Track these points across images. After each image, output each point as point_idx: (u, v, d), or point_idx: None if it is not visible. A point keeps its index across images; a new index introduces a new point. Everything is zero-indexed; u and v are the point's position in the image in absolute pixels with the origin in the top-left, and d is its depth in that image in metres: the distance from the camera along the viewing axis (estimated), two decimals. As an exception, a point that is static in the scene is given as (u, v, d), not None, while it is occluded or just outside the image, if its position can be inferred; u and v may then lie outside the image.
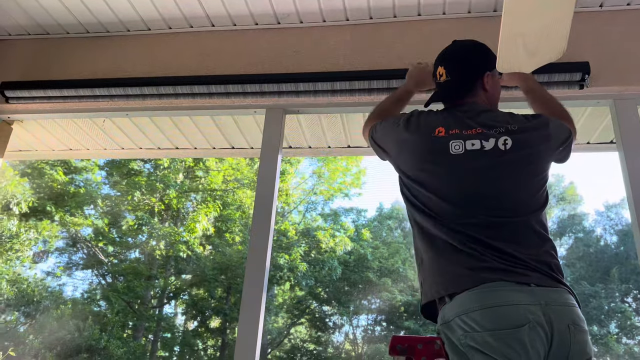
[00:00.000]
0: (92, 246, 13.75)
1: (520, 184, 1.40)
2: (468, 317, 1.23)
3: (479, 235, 1.32)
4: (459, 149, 1.42)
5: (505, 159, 1.40)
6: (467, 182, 1.39)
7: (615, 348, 14.24)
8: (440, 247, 1.36)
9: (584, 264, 16.58)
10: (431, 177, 1.44)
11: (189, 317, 15.99)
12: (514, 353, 1.17)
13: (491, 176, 1.39)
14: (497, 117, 1.49)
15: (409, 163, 1.50)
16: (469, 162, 1.40)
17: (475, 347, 1.20)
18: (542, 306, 1.22)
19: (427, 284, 1.39)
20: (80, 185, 13.52)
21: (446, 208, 1.38)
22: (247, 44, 2.51)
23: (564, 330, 1.22)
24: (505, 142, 1.40)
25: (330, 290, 15.81)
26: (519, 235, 1.34)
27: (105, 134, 2.88)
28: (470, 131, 1.44)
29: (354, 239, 16.32)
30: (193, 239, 13.45)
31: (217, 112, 2.54)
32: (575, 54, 2.15)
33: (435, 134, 1.46)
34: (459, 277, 1.30)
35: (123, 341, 12.71)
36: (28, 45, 2.72)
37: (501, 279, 1.25)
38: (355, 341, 16.88)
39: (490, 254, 1.30)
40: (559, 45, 1.25)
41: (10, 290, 10.93)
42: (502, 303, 1.22)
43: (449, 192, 1.40)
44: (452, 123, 1.47)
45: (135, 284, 13.40)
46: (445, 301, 1.30)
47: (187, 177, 14.72)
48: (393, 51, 2.36)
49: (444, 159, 1.42)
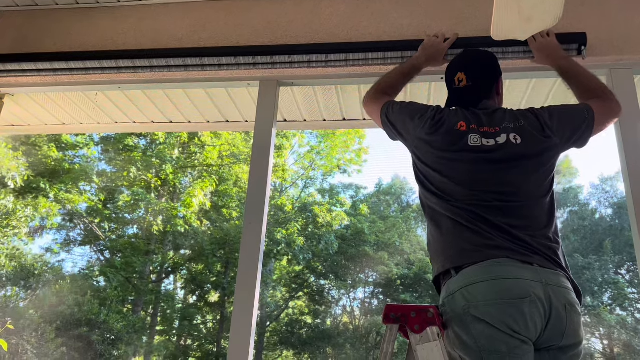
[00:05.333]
0: (89, 222, 13.77)
1: (529, 174, 1.51)
2: (473, 287, 1.31)
3: (486, 215, 1.42)
4: (476, 141, 1.54)
5: (516, 152, 1.52)
6: (480, 170, 1.51)
7: (608, 319, 14.49)
8: (449, 225, 1.46)
9: (578, 237, 16.74)
10: (448, 164, 1.55)
11: (188, 292, 16.16)
12: (513, 322, 1.24)
13: (503, 167, 1.50)
14: (509, 115, 1.62)
15: (429, 155, 1.60)
16: (484, 154, 1.52)
17: (476, 317, 1.27)
18: (543, 284, 1.31)
19: (435, 261, 1.50)
20: (75, 161, 13.47)
21: (458, 190, 1.49)
22: (240, 15, 2.47)
23: (561, 309, 1.30)
24: (515, 137, 1.54)
25: (328, 264, 15.96)
26: (525, 219, 1.44)
27: (98, 108, 2.85)
28: (486, 128, 1.57)
29: (352, 213, 16.41)
30: (190, 213, 13.48)
31: (211, 84, 2.51)
32: (572, 24, 2.13)
33: (457, 127, 1.58)
34: (465, 252, 1.39)
35: (123, 315, 12.85)
36: (17, 17, 2.66)
37: (507, 257, 1.34)
38: (353, 314, 17.13)
39: (497, 234, 1.39)
40: (555, 11, 1.23)
41: (9, 265, 10.99)
42: (507, 276, 1.31)
43: (462, 178, 1.51)
44: (471, 119, 1.60)
45: (133, 259, 13.48)
46: (451, 274, 1.39)
47: (182, 152, 14.67)
48: (388, 21, 2.32)
49: (462, 150, 1.54)
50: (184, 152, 14.74)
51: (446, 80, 1.77)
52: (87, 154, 13.64)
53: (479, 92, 1.69)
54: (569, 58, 1.89)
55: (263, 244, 2.15)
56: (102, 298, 12.85)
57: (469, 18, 2.24)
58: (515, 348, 1.24)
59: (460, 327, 1.30)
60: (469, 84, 1.69)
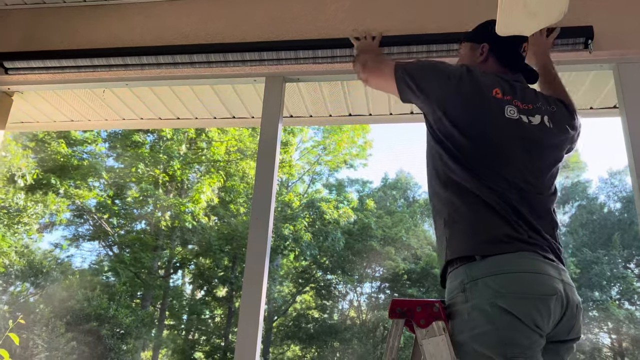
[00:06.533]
0: (97, 218, 13.87)
1: (550, 166, 1.47)
2: (502, 278, 1.27)
3: (514, 203, 1.36)
4: (513, 114, 1.45)
5: (546, 137, 1.47)
6: (512, 148, 1.42)
7: (616, 313, 14.42)
8: (479, 207, 1.36)
9: (586, 231, 16.65)
10: (483, 136, 1.43)
11: (196, 287, 16.26)
12: (539, 317, 1.23)
13: (534, 151, 1.44)
14: (541, 96, 1.56)
15: (462, 114, 1.46)
16: (519, 130, 1.43)
17: (504, 309, 1.23)
18: (562, 282, 1.31)
19: (457, 240, 1.38)
20: (83, 157, 13.55)
21: (489, 167, 1.39)
22: (246, 11, 2.47)
23: (573, 308, 1.32)
24: (549, 121, 1.48)
25: (335, 259, 15.99)
26: (543, 214, 1.40)
27: (106, 105, 2.88)
28: (522, 102, 1.49)
29: (358, 209, 16.41)
30: (198, 209, 13.54)
31: (217, 80, 2.52)
32: (578, 18, 2.12)
33: (493, 94, 1.47)
34: (495, 240, 1.32)
35: (131, 310, 12.96)
36: (25, 15, 2.69)
37: (534, 251, 1.32)
38: (360, 308, 17.17)
39: (523, 225, 1.35)
40: (560, 6, 1.23)
41: (19, 261, 11.10)
42: (538, 271, 1.28)
43: (496, 153, 1.41)
44: (507, 89, 1.50)
45: (141, 255, 13.57)
46: (475, 259, 1.32)
47: (189, 148, 14.72)
48: (394, 17, 2.32)
49: (499, 120, 1.43)
50: (191, 148, 14.80)
51: (507, 43, 1.59)
52: (95, 150, 13.73)
53: (527, 66, 1.66)
54: (552, 61, 1.94)
55: (270, 240, 2.16)
56: (111, 293, 12.97)
57: (472, 12, 2.24)
58: (534, 342, 1.24)
59: (482, 315, 1.25)
60: (524, 54, 1.64)
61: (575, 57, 2.16)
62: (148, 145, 13.91)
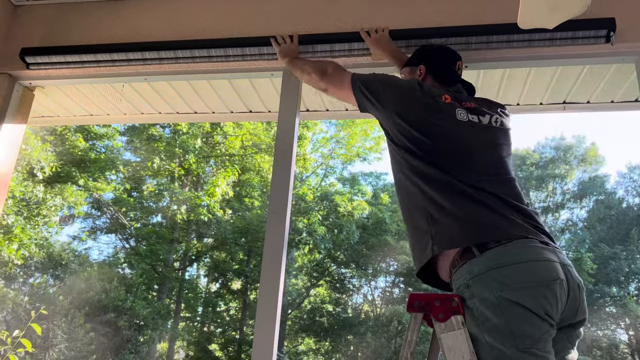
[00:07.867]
0: (115, 211, 14.05)
1: (509, 157, 1.62)
2: (507, 269, 1.28)
3: (493, 190, 1.44)
4: (463, 116, 1.59)
5: (497, 133, 1.63)
6: (473, 144, 1.55)
7: (634, 309, 14.24)
8: (457, 198, 1.43)
9: (604, 226, 16.43)
10: (442, 134, 1.56)
11: (211, 279, 16.42)
12: (547, 304, 1.25)
13: (493, 144, 1.59)
14: (482, 101, 1.75)
15: (419, 117, 1.60)
16: (473, 129, 1.58)
17: (512, 300, 1.24)
18: (562, 265, 1.32)
19: (445, 234, 1.41)
20: (101, 151, 13.72)
21: (458, 163, 1.49)
22: (263, 5, 2.48)
23: (575, 289, 1.33)
24: (496, 120, 1.65)
25: (349, 253, 16.01)
26: (520, 199, 1.48)
27: (125, 99, 2.91)
28: (469, 104, 1.65)
29: (373, 202, 16.38)
30: (213, 202, 13.63)
31: (234, 75, 2.53)
32: (600, 9, 2.08)
33: (442, 100, 1.62)
34: (486, 227, 1.36)
35: (148, 302, 13.13)
36: (46, 11, 2.72)
37: (526, 237, 1.34)
38: (374, 302, 17.19)
39: (509, 210, 1.40)
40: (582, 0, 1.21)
41: (39, 253, 11.30)
42: (538, 258, 1.30)
43: (458, 147, 1.53)
44: (453, 97, 1.66)
45: (157, 247, 13.73)
46: (475, 254, 1.33)
47: (205, 142, 14.81)
48: (412, 8, 2.30)
49: (452, 122, 1.57)
50: (207, 142, 14.89)
51: (442, 62, 1.86)
52: (112, 145, 13.88)
53: (464, 80, 1.85)
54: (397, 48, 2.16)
55: (287, 235, 2.16)
56: (128, 285, 13.15)
57: (492, 4, 2.21)
58: (545, 333, 1.24)
59: (491, 309, 1.26)
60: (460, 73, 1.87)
61: (596, 50, 2.12)
62: (164, 139, 14.02)
